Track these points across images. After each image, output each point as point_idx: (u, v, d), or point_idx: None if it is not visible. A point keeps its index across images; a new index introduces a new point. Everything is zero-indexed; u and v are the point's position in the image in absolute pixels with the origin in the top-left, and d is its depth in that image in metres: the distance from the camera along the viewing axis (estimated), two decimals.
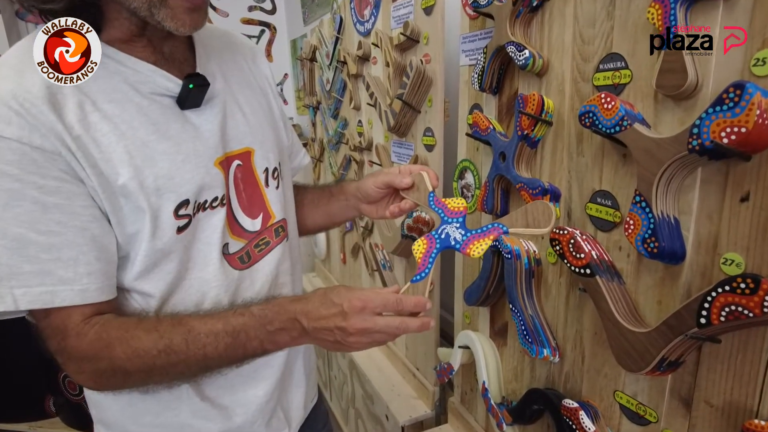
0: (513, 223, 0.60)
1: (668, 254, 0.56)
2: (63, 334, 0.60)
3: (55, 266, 0.57)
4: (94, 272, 0.60)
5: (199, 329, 0.61)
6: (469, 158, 0.98)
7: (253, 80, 0.79)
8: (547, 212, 0.57)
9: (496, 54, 0.80)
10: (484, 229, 0.61)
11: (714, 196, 0.54)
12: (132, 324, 0.62)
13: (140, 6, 0.57)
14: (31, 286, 0.57)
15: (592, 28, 0.66)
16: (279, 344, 0.63)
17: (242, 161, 0.72)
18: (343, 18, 1.51)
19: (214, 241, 0.68)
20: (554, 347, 0.78)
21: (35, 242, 0.56)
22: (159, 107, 0.64)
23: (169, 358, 0.61)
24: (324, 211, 0.90)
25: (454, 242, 0.63)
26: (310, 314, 0.61)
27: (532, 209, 0.58)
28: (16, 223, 0.55)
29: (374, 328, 0.59)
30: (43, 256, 0.57)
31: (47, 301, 0.58)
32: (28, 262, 0.56)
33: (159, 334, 0.61)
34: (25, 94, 0.55)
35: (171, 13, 0.58)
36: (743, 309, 0.47)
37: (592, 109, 0.61)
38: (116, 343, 0.60)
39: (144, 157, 0.61)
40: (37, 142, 0.54)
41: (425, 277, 0.62)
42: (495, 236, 0.60)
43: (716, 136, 0.48)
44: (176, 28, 0.59)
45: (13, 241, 0.56)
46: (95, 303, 0.61)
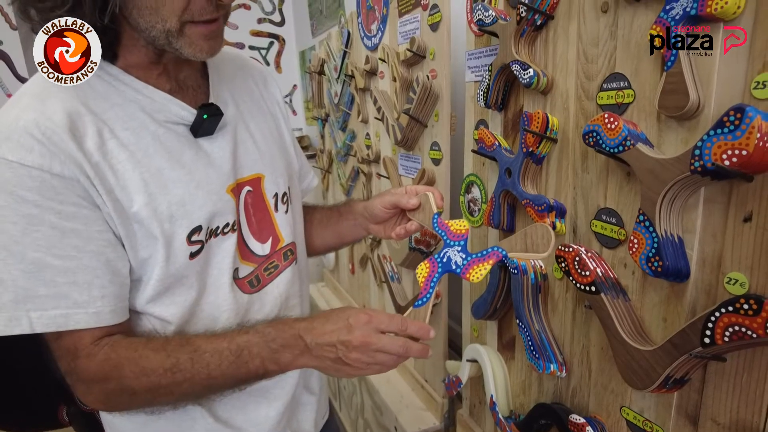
0: (512, 247, 0.60)
1: (672, 273, 0.56)
2: (73, 355, 0.62)
3: (70, 289, 0.59)
4: (108, 295, 0.61)
5: (205, 348, 0.63)
6: (476, 173, 0.99)
7: (264, 105, 0.81)
8: (546, 236, 0.57)
9: (501, 72, 0.81)
10: (484, 253, 0.62)
11: (717, 216, 0.54)
12: (141, 344, 0.63)
13: (158, 35, 0.59)
14: (47, 309, 0.58)
15: (596, 48, 0.67)
16: (281, 364, 0.63)
17: (252, 187, 0.74)
18: (350, 32, 1.53)
19: (226, 267, 0.70)
20: (561, 362, 0.78)
21: (52, 266, 0.58)
22: (174, 135, 0.65)
23: (174, 377, 0.62)
24: (333, 231, 0.91)
25: (455, 266, 0.64)
26: (314, 330, 0.62)
27: (531, 233, 0.59)
28: (34, 247, 0.57)
29: (377, 343, 0.60)
30: (59, 279, 0.58)
31: (61, 324, 0.59)
32: (45, 285, 0.58)
33: (166, 353, 0.62)
34: (47, 122, 0.56)
35: (189, 41, 0.60)
36: (747, 329, 0.47)
37: (596, 128, 0.62)
38: (125, 363, 0.61)
39: (158, 184, 0.63)
40: (56, 169, 0.56)
41: (427, 302, 0.63)
42: (494, 261, 0.61)
43: (718, 158, 0.48)
44: (194, 55, 0.61)
45: (31, 264, 0.57)
46: (106, 326, 0.62)
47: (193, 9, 0.58)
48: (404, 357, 0.61)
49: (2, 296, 0.58)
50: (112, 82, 0.63)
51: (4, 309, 0.58)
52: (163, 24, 0.58)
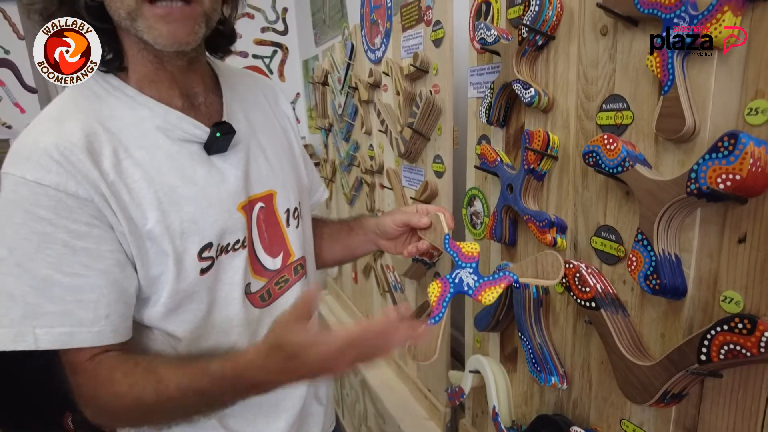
0: (523, 273, 0.62)
1: (670, 291, 0.58)
2: (73, 370, 0.63)
3: (77, 307, 0.60)
4: (112, 314, 0.62)
5: (168, 381, 0.61)
6: (478, 186, 1.00)
7: (275, 121, 0.83)
8: (557, 264, 0.59)
9: (503, 90, 0.83)
10: (496, 276, 0.64)
11: (713, 236, 0.56)
12: (122, 363, 0.63)
13: (123, 20, 0.59)
14: (53, 326, 0.59)
15: (596, 69, 0.69)
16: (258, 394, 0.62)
17: (265, 203, 0.75)
18: (354, 45, 1.55)
19: (237, 282, 0.71)
20: (562, 375, 0.80)
21: (60, 283, 0.59)
22: (187, 153, 0.67)
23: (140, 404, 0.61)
24: (343, 245, 0.93)
25: (467, 288, 0.65)
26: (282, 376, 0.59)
27: (542, 260, 0.61)
28: (45, 265, 0.58)
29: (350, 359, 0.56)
30: (67, 297, 0.59)
31: (65, 341, 0.60)
32: (52, 302, 0.59)
33: (133, 380, 0.61)
34: (66, 143, 0.58)
35: (147, 24, 0.59)
36: (741, 348, 0.49)
37: (596, 149, 0.64)
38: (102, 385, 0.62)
39: (170, 201, 0.64)
40: (72, 189, 0.58)
41: (439, 321, 0.65)
42: (506, 284, 0.63)
43: (712, 182, 0.50)
44: (154, 40, 0.60)
45: (41, 281, 0.58)
46: (106, 345, 0.63)
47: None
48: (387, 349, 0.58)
49: (12, 311, 0.59)
50: (127, 102, 0.65)
51: (13, 324, 0.59)
52: (122, 4, 0.58)
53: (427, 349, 0.65)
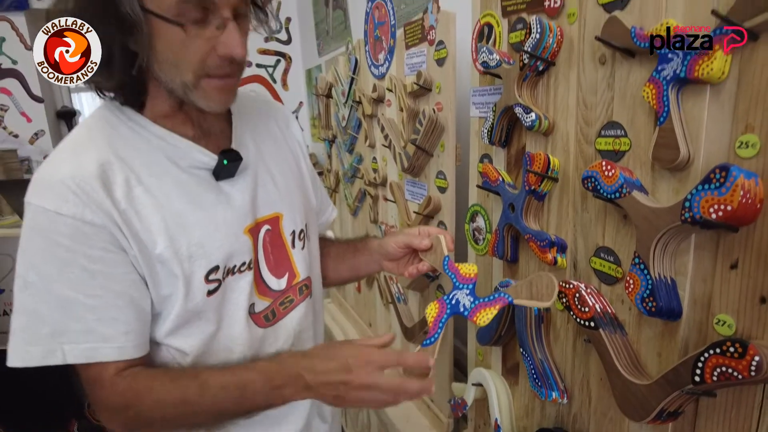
0: (518, 294, 0.65)
1: (666, 313, 0.60)
2: (98, 385, 0.67)
3: (98, 325, 0.64)
4: (131, 331, 0.66)
5: (212, 383, 0.66)
6: (480, 203, 1.03)
7: (284, 144, 0.86)
8: (551, 286, 0.62)
9: (505, 112, 0.86)
10: (491, 298, 0.66)
11: (707, 261, 0.58)
12: (158, 376, 0.68)
13: (177, 87, 0.65)
14: (78, 342, 0.64)
15: (594, 96, 0.71)
16: (284, 397, 0.67)
17: (271, 226, 0.78)
18: (358, 60, 1.58)
19: (242, 302, 0.74)
20: (562, 390, 0.82)
21: (83, 304, 0.63)
22: (196, 180, 0.71)
23: (186, 408, 0.66)
24: (349, 265, 0.96)
25: (463, 309, 0.68)
26: (315, 369, 0.65)
27: (536, 281, 0.63)
28: (67, 287, 0.62)
29: (376, 383, 0.63)
30: (88, 316, 0.64)
31: (90, 356, 0.64)
32: (76, 321, 0.63)
33: (179, 386, 0.66)
34: (81, 174, 0.62)
35: (203, 94, 0.65)
36: (733, 371, 0.51)
37: (594, 174, 0.66)
38: (144, 393, 0.66)
39: (179, 226, 0.68)
40: (88, 217, 0.62)
41: (435, 342, 0.67)
42: (501, 306, 0.66)
43: (705, 212, 0.52)
44: (207, 106, 0.66)
45: (65, 301, 0.63)
46: (129, 359, 0.67)
47: (209, 64, 0.63)
48: (402, 395, 0.64)
49: (41, 329, 0.63)
50: (140, 131, 0.69)
51: (42, 342, 0.63)
52: (181, 77, 0.64)
53: None
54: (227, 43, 0.62)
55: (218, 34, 0.62)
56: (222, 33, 0.62)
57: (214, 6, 0.60)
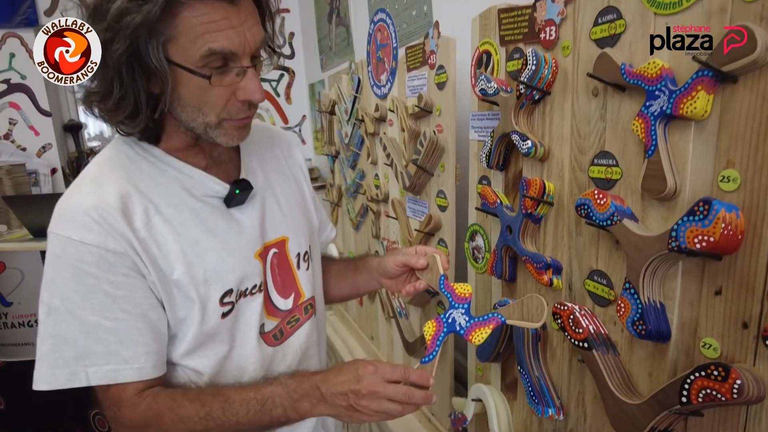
0: (510, 315, 0.68)
1: (655, 335, 0.63)
2: (119, 405, 0.70)
3: (120, 347, 0.67)
4: (150, 352, 0.70)
5: (234, 398, 0.70)
6: (479, 223, 1.06)
7: (288, 170, 0.90)
8: (540, 308, 0.65)
9: (502, 138, 0.89)
10: (485, 318, 0.70)
11: (693, 287, 0.61)
12: (178, 394, 0.71)
13: (197, 126, 0.69)
14: (101, 364, 0.67)
15: (588, 125, 0.75)
16: (300, 412, 0.70)
17: (278, 249, 0.82)
18: (360, 79, 1.62)
19: (253, 323, 0.78)
20: (558, 407, 0.85)
21: (105, 327, 0.67)
22: (209, 208, 0.74)
23: (207, 423, 0.69)
24: (350, 282, 0.99)
25: (459, 328, 0.72)
26: (328, 381, 0.69)
27: (527, 303, 0.67)
28: (91, 312, 0.66)
29: (383, 391, 0.67)
30: (111, 339, 0.67)
31: (112, 378, 0.67)
32: (99, 344, 0.67)
33: (201, 403, 0.70)
34: (104, 205, 0.66)
35: (223, 132, 0.70)
36: (717, 393, 0.54)
37: (587, 202, 0.69)
38: (164, 412, 0.69)
39: (195, 253, 0.71)
40: (110, 246, 0.65)
41: (433, 359, 0.71)
42: (494, 325, 0.69)
43: (690, 242, 0.56)
44: (226, 143, 0.71)
45: (89, 326, 0.66)
46: (149, 379, 0.70)
47: (231, 109, 0.68)
48: (408, 404, 0.68)
49: (66, 353, 0.67)
50: (156, 164, 0.73)
51: (68, 365, 0.67)
52: (204, 119, 0.68)
53: None
54: (247, 89, 0.66)
55: (238, 80, 0.66)
56: (242, 79, 0.66)
57: (235, 57, 0.64)
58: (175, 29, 0.62)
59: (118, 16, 0.60)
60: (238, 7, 0.63)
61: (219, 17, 0.62)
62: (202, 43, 0.62)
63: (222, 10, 0.62)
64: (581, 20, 0.73)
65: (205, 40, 0.62)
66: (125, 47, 0.61)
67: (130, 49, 0.61)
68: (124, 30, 0.60)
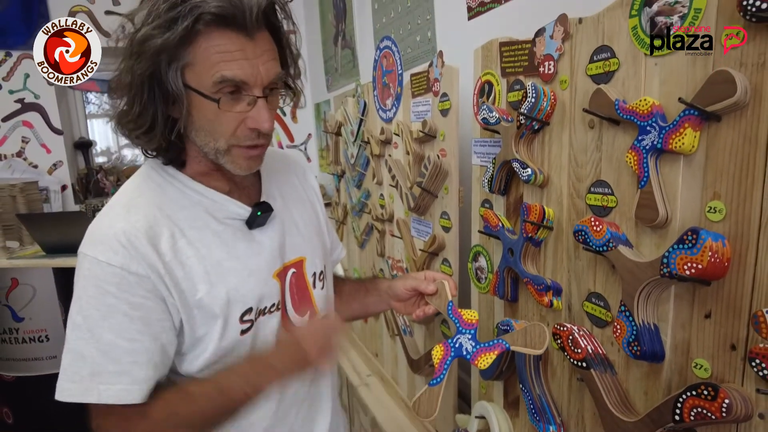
0: (514, 341, 0.72)
1: (649, 356, 0.67)
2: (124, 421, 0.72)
3: (132, 368, 0.71)
4: (157, 375, 0.74)
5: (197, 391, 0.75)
6: (482, 244, 1.10)
7: (304, 194, 0.94)
8: (542, 336, 0.69)
9: (503, 165, 0.93)
10: (491, 343, 0.74)
11: (685, 310, 0.65)
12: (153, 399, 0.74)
13: (210, 151, 0.74)
14: (113, 384, 0.70)
15: (585, 155, 0.79)
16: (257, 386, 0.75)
17: (296, 269, 0.86)
18: (366, 103, 1.67)
19: (270, 340, 0.81)
20: (559, 424, 0.88)
21: (121, 347, 0.70)
22: (231, 230, 0.79)
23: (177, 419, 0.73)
24: (360, 303, 1.03)
25: (465, 353, 0.75)
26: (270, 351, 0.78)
27: (530, 331, 0.71)
28: (108, 331, 0.70)
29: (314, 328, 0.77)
30: (125, 359, 0.70)
31: (122, 397, 0.70)
32: (113, 363, 0.70)
33: (166, 402, 0.73)
34: (132, 230, 0.70)
35: (232, 159, 0.74)
36: (707, 412, 0.57)
37: (584, 229, 0.73)
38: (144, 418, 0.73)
39: (217, 274, 0.75)
40: (133, 268, 0.69)
41: (440, 382, 0.75)
42: (499, 351, 0.73)
43: (680, 269, 0.59)
44: (234, 170, 0.76)
45: (106, 345, 0.70)
46: None
47: (239, 135, 0.72)
48: None
49: (82, 370, 0.70)
50: (181, 189, 0.77)
51: (83, 381, 0.70)
52: (215, 144, 0.73)
53: (428, 408, 0.75)
54: (255, 119, 0.71)
55: (249, 109, 0.71)
56: (252, 108, 0.70)
57: (247, 86, 0.69)
58: (194, 56, 0.67)
59: (142, 41, 0.66)
60: (254, 42, 0.69)
61: (234, 48, 0.67)
62: (216, 70, 0.67)
63: (238, 42, 0.67)
64: (578, 57, 0.78)
65: (219, 68, 0.67)
66: (145, 68, 0.66)
67: (149, 70, 0.67)
68: (146, 53, 0.66)
